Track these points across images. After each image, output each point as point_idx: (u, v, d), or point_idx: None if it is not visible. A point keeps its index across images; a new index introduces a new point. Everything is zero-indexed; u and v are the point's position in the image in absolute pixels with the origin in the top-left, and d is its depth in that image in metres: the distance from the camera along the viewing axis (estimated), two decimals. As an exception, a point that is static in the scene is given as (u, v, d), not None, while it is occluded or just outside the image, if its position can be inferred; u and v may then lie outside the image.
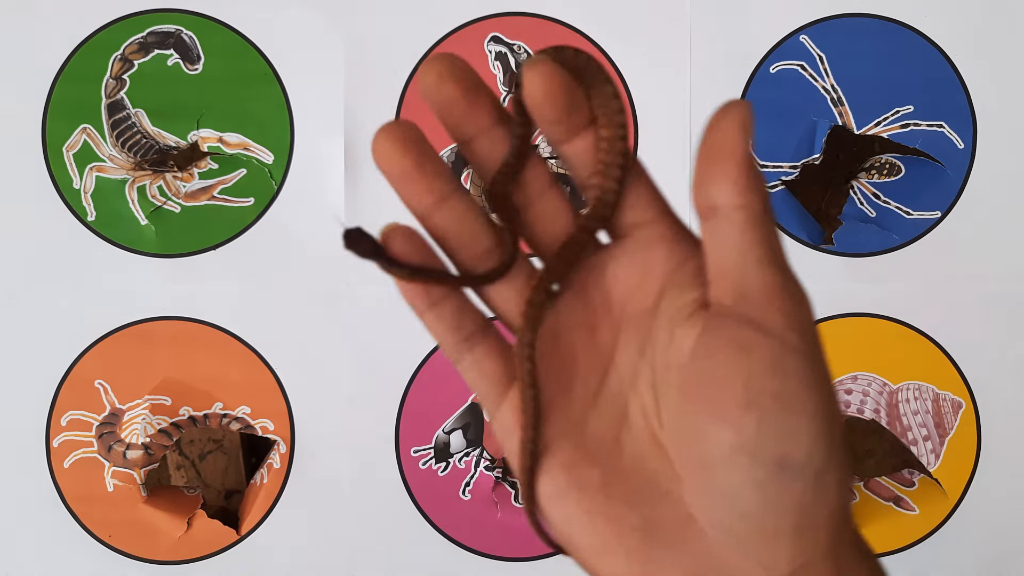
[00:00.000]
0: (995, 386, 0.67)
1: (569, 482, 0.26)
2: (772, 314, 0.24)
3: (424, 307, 0.27)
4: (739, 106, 0.25)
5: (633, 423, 0.26)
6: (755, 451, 0.23)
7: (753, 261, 0.24)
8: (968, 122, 0.66)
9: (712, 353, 0.24)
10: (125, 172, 0.67)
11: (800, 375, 0.23)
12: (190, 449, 0.71)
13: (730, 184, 0.24)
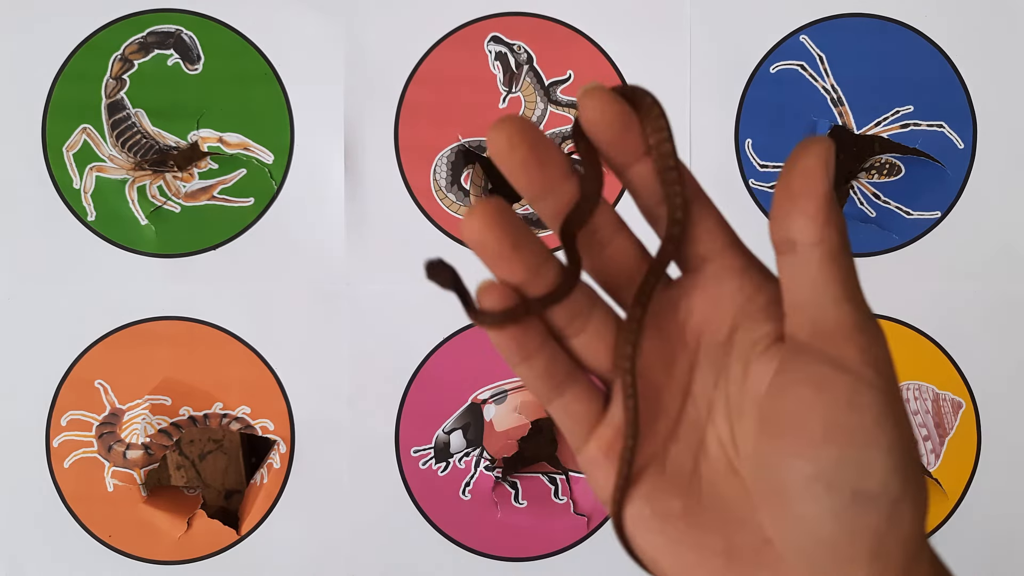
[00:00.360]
0: (995, 386, 0.67)
1: (653, 512, 0.27)
2: (848, 350, 0.24)
3: (518, 360, 0.28)
4: (821, 143, 0.25)
5: (710, 452, 0.27)
6: (832, 483, 0.24)
7: (830, 297, 0.25)
8: (968, 122, 0.66)
9: (790, 389, 0.25)
10: (125, 172, 0.66)
11: (876, 410, 0.24)
12: (190, 449, 0.71)
13: (809, 220, 0.25)
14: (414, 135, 0.66)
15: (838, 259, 0.25)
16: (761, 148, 0.66)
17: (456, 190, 0.66)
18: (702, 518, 0.27)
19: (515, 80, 0.66)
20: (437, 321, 0.66)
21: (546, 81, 0.66)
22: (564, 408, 0.29)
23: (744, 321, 0.27)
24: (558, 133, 0.66)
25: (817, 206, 0.24)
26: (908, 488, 0.24)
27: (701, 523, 0.27)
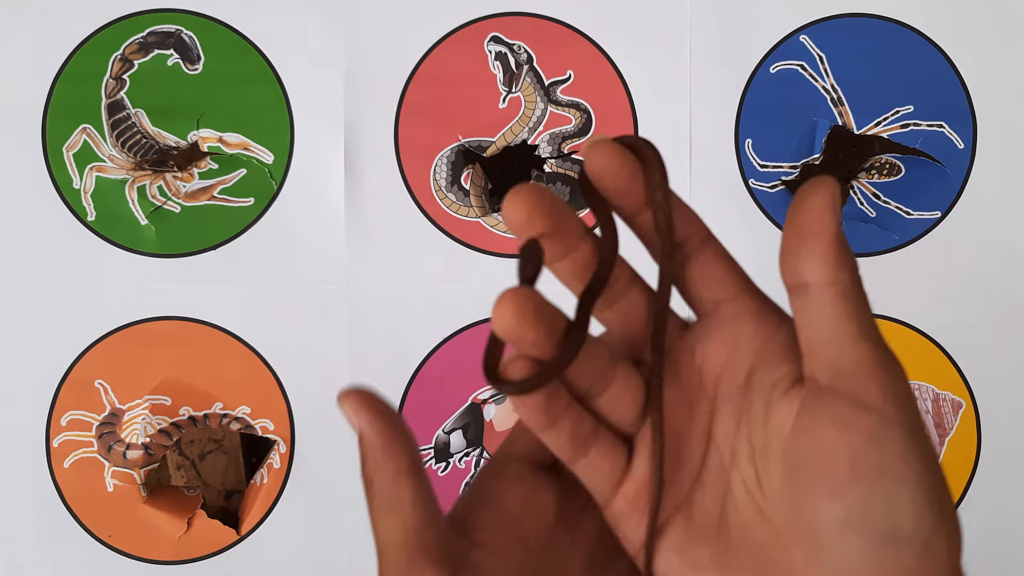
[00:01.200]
0: (995, 386, 0.67)
1: (683, 562, 0.27)
2: (870, 389, 0.24)
3: (544, 426, 0.28)
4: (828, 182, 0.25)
5: (737, 498, 0.27)
6: (863, 525, 0.24)
7: (846, 337, 0.25)
8: (968, 122, 0.66)
9: (813, 431, 0.25)
10: (125, 172, 0.66)
11: (900, 447, 0.24)
12: (190, 449, 0.71)
13: (820, 261, 0.25)
14: (414, 135, 0.66)
15: (852, 298, 0.25)
16: (761, 148, 0.66)
17: (456, 190, 0.66)
18: (732, 564, 0.26)
19: (515, 80, 0.66)
20: (437, 321, 0.66)
21: (546, 81, 0.66)
22: (589, 466, 0.28)
23: (763, 364, 0.27)
24: (558, 133, 0.66)
25: (828, 246, 0.24)
26: (940, 524, 0.24)
27: (731, 569, 0.26)
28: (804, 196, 0.25)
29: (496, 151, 0.66)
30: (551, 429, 0.28)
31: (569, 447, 0.28)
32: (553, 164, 0.66)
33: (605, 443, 0.28)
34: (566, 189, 0.66)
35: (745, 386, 0.27)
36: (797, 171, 0.66)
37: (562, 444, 0.28)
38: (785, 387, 0.26)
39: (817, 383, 0.25)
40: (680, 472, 0.28)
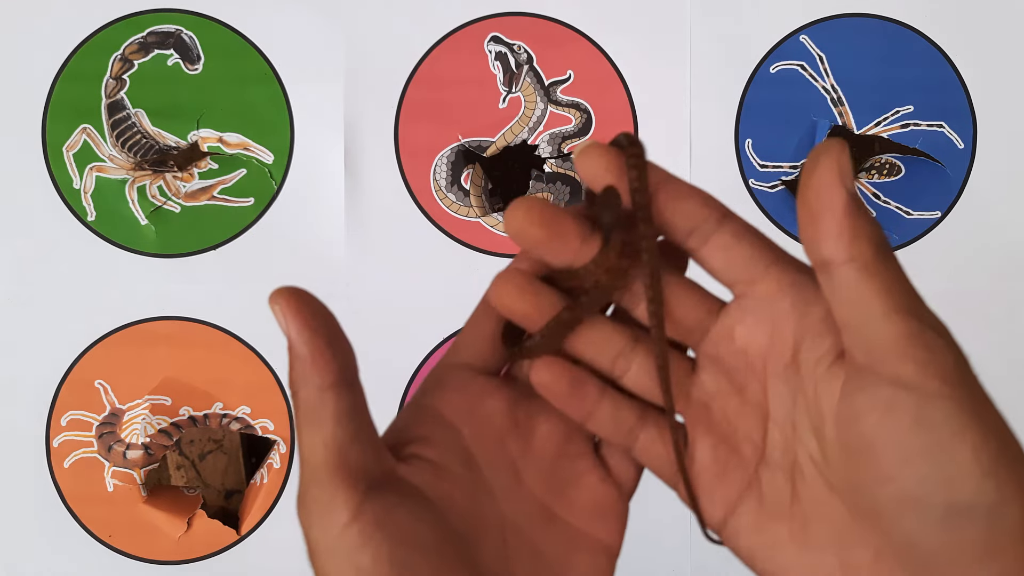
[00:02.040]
0: (996, 388, 0.66)
1: (761, 542, 0.27)
2: (906, 366, 0.23)
3: (584, 417, 0.28)
4: (831, 149, 0.24)
5: (806, 471, 0.27)
6: (922, 502, 0.23)
7: (876, 313, 0.24)
8: (968, 122, 0.66)
9: (857, 417, 0.24)
10: (125, 172, 0.66)
11: (948, 422, 0.23)
12: (190, 449, 0.71)
13: (834, 239, 0.24)
14: (414, 135, 0.66)
15: (875, 271, 0.24)
16: (761, 148, 0.66)
17: (456, 190, 0.66)
18: (811, 540, 0.26)
19: (515, 80, 0.66)
20: (437, 321, 0.66)
21: (546, 81, 0.66)
22: (644, 452, 0.28)
23: (804, 338, 0.26)
24: (558, 133, 0.66)
25: (839, 222, 0.24)
26: (1008, 489, 0.23)
27: (811, 545, 0.26)
28: (809, 171, 0.24)
29: (496, 151, 0.66)
30: (591, 420, 0.28)
31: (616, 435, 0.29)
32: (553, 164, 0.66)
33: (653, 428, 0.29)
34: (566, 189, 0.66)
35: (792, 362, 0.27)
36: (797, 171, 0.66)
37: (608, 433, 0.29)
38: (828, 362, 0.25)
39: (855, 363, 0.24)
40: (741, 452, 0.28)
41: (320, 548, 0.25)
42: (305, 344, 0.25)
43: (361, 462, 0.25)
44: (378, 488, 0.25)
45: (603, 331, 0.28)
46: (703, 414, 0.28)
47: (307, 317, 0.25)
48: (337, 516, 0.24)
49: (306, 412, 0.25)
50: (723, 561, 0.34)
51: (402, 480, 0.26)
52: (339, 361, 0.25)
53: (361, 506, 0.24)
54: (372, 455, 0.26)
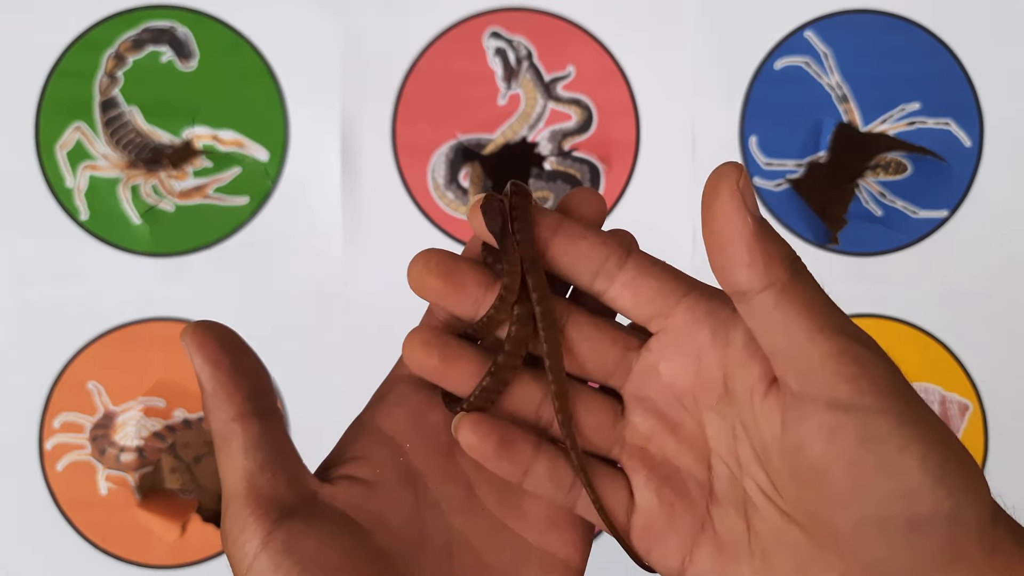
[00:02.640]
0: (1002, 388, 0.66)
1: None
2: (839, 386, 0.23)
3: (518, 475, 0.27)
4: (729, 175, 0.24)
5: (758, 503, 0.26)
6: (882, 521, 0.23)
7: (801, 336, 0.23)
8: (975, 120, 0.66)
9: (801, 448, 0.23)
10: (118, 171, 0.66)
11: (894, 438, 0.22)
12: (185, 452, 0.70)
13: (747, 267, 0.23)
14: (411, 132, 0.65)
15: (793, 293, 0.23)
16: (765, 145, 0.66)
17: (454, 188, 0.66)
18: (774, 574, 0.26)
19: (514, 76, 0.65)
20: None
21: (546, 77, 0.65)
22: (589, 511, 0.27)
23: (732, 368, 0.26)
24: (559, 130, 0.66)
25: (748, 250, 0.23)
26: (962, 492, 0.23)
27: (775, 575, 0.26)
28: (709, 198, 0.24)
29: (496, 148, 0.66)
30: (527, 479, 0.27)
31: (556, 493, 0.27)
32: (553, 162, 0.66)
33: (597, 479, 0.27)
34: (567, 187, 0.66)
35: (725, 393, 0.26)
36: (802, 169, 0.66)
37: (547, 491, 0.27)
38: (762, 391, 0.25)
39: (790, 387, 0.24)
40: (688, 492, 0.27)
41: (236, 573, 0.25)
42: (208, 378, 0.26)
43: (272, 490, 0.25)
44: (291, 514, 0.25)
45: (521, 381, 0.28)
46: (641, 458, 0.27)
47: (210, 351, 0.26)
48: (248, 543, 0.25)
49: (217, 444, 0.26)
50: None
51: (323, 503, 0.26)
52: (243, 393, 0.26)
53: (271, 534, 0.25)
54: (284, 482, 0.26)
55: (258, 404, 0.26)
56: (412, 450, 0.28)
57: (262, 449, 0.26)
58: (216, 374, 0.26)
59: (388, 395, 0.29)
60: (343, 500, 0.27)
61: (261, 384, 0.27)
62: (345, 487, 0.27)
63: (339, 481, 0.27)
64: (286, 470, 0.26)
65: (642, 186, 0.65)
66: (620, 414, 0.28)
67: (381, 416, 0.29)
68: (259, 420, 0.26)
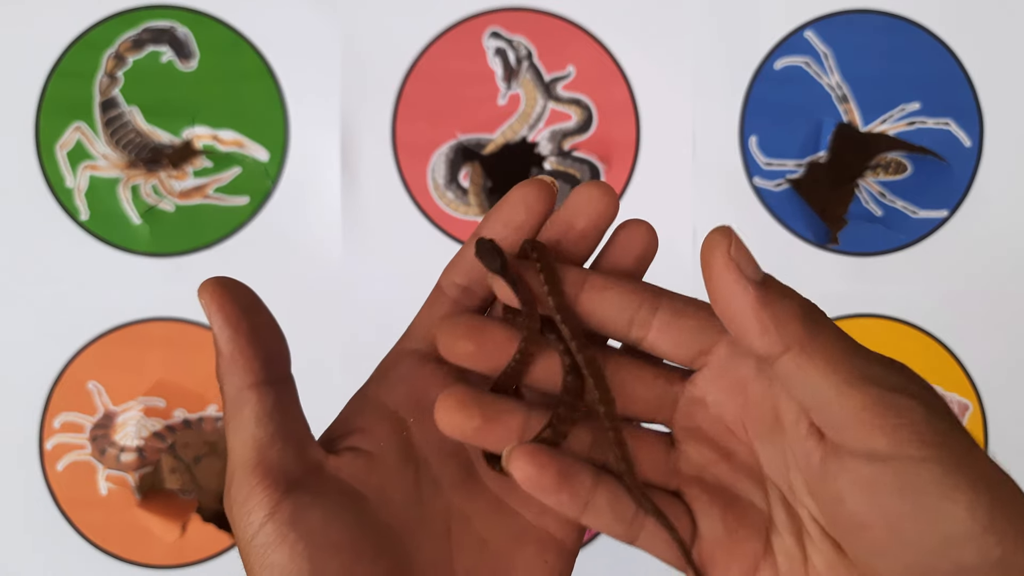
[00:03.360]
0: (1002, 388, 0.66)
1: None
2: (877, 439, 0.22)
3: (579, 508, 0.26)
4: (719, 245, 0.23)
5: (812, 533, 0.25)
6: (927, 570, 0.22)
7: (829, 393, 0.22)
8: (975, 120, 0.66)
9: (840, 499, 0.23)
10: (119, 171, 0.66)
11: (937, 486, 0.22)
12: (185, 452, 0.70)
13: (759, 336, 0.23)
14: (411, 132, 0.65)
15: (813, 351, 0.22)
16: (765, 145, 0.66)
17: (454, 188, 0.66)
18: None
19: (514, 76, 0.65)
20: (435, 322, 0.65)
21: (546, 77, 0.65)
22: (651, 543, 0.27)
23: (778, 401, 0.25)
24: (559, 130, 0.65)
25: (756, 319, 0.23)
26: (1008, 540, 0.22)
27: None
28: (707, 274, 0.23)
29: (496, 148, 0.66)
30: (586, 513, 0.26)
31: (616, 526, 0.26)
32: (553, 162, 0.66)
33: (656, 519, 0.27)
34: (567, 188, 0.66)
35: (775, 423, 0.25)
36: (802, 169, 0.66)
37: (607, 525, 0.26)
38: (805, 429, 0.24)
39: (828, 438, 0.23)
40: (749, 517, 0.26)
41: (241, 543, 0.25)
42: (227, 342, 0.25)
43: (280, 461, 0.25)
44: (297, 486, 0.25)
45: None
46: (699, 485, 0.27)
47: (231, 313, 0.25)
48: (254, 513, 0.25)
49: (228, 409, 0.26)
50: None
51: (328, 475, 0.26)
52: (260, 360, 0.26)
53: (278, 505, 0.25)
54: (293, 454, 0.26)
55: (273, 371, 0.26)
56: (415, 425, 0.28)
57: (274, 419, 0.26)
58: (235, 338, 0.25)
59: (392, 370, 0.29)
60: (348, 472, 0.27)
61: (278, 350, 0.26)
62: (349, 459, 0.27)
63: (344, 453, 0.27)
64: (295, 441, 0.26)
65: (642, 186, 0.65)
66: (672, 446, 0.28)
67: (385, 390, 0.29)
68: (273, 389, 0.26)
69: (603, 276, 0.26)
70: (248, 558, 0.25)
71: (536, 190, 0.27)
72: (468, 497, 0.28)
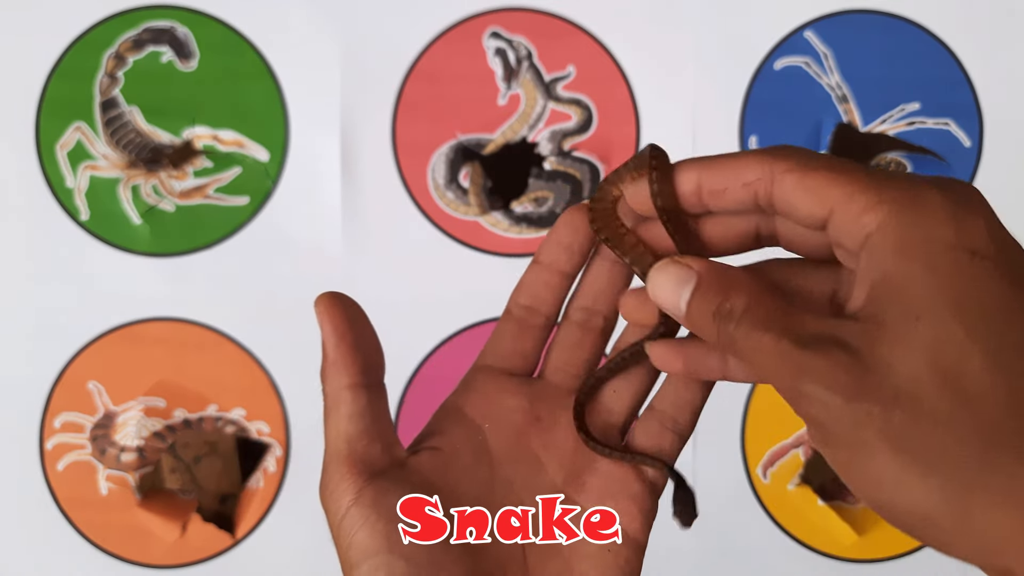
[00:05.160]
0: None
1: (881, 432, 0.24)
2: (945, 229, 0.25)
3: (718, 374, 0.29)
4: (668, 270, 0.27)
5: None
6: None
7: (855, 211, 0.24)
8: (975, 120, 0.66)
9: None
10: (119, 171, 0.66)
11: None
12: (185, 452, 0.70)
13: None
14: (411, 132, 0.65)
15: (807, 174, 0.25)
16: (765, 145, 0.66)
17: (454, 188, 0.66)
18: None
19: (514, 76, 0.65)
20: (435, 322, 0.65)
21: (546, 77, 0.65)
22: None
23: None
24: (559, 130, 0.65)
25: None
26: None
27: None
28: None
29: (496, 149, 0.66)
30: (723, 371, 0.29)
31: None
32: (553, 161, 0.66)
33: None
34: (567, 187, 0.66)
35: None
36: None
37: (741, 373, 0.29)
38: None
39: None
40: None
41: (332, 526, 0.29)
42: (333, 348, 0.30)
43: (367, 454, 0.29)
44: (380, 475, 0.29)
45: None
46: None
47: (339, 322, 0.30)
48: (343, 497, 0.28)
49: (328, 405, 0.30)
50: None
51: (408, 469, 0.30)
52: (359, 366, 0.29)
53: (362, 490, 0.28)
54: (380, 448, 0.29)
55: (369, 377, 0.30)
56: (490, 431, 0.31)
57: (364, 418, 0.29)
58: (340, 345, 0.29)
59: (470, 382, 0.33)
60: (426, 467, 0.30)
61: (375, 359, 0.30)
62: (428, 456, 0.30)
63: (423, 452, 0.31)
64: (382, 439, 0.29)
65: (642, 186, 0.65)
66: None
67: (463, 400, 0.32)
68: (367, 392, 0.29)
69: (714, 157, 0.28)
70: (337, 539, 0.28)
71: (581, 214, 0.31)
72: (537, 494, 0.31)
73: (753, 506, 0.66)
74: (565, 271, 0.31)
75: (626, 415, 0.32)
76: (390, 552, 0.27)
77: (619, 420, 0.32)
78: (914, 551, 0.66)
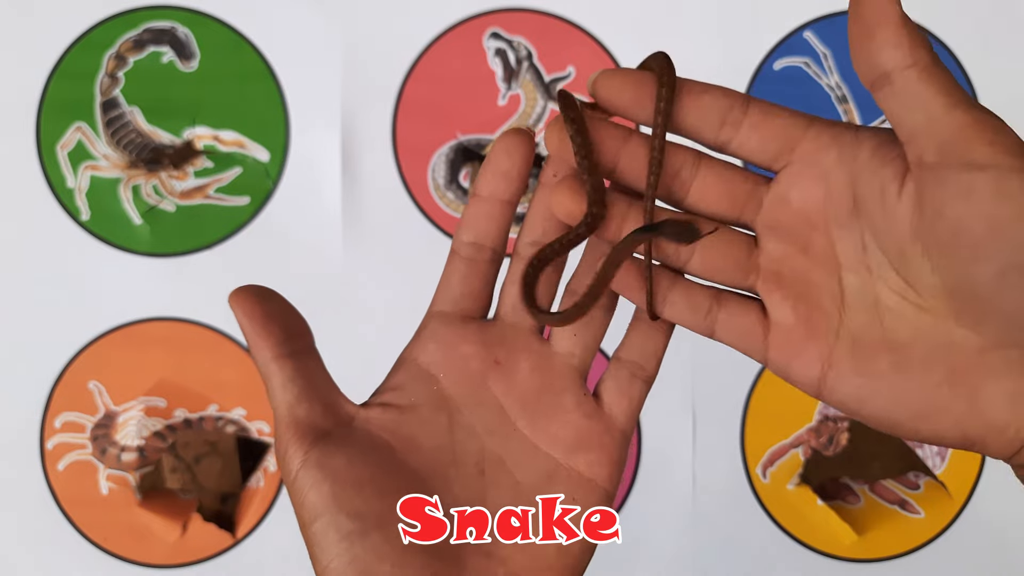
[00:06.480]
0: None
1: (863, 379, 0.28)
2: (977, 149, 0.25)
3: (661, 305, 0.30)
4: None
5: (891, 304, 0.28)
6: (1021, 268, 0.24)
7: (940, 110, 0.25)
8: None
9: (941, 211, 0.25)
10: (119, 171, 0.66)
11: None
12: (185, 452, 0.70)
13: (894, 48, 0.25)
14: (412, 132, 0.65)
15: (935, 73, 0.25)
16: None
17: (455, 188, 0.66)
18: (911, 362, 0.27)
19: (514, 76, 0.65)
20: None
21: (546, 78, 0.65)
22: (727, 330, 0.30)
23: (861, 178, 0.28)
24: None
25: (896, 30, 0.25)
26: None
27: (911, 366, 0.27)
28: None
29: (496, 149, 0.66)
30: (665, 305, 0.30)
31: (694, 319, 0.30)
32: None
33: (732, 304, 0.30)
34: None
35: (854, 207, 0.28)
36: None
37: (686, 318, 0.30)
38: (895, 188, 0.27)
39: (926, 166, 0.25)
40: (823, 306, 0.29)
41: (287, 488, 0.30)
42: (247, 328, 0.30)
43: (308, 418, 0.30)
44: (325, 436, 0.30)
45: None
46: (776, 280, 0.30)
47: (247, 305, 0.30)
48: (291, 461, 0.29)
49: (264, 381, 0.31)
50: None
51: (358, 427, 0.31)
52: (275, 337, 0.30)
53: (307, 454, 0.29)
54: (320, 411, 0.30)
55: (291, 346, 0.30)
56: (445, 379, 0.32)
57: (296, 383, 0.30)
58: (251, 324, 0.30)
59: (422, 331, 0.33)
60: (377, 423, 0.31)
61: (293, 329, 0.31)
62: (379, 412, 0.31)
63: (374, 407, 0.31)
64: (322, 400, 0.30)
65: (642, 186, 0.65)
66: (753, 246, 0.30)
67: (417, 350, 0.32)
68: (292, 359, 0.30)
69: (700, 83, 0.29)
70: (293, 500, 0.29)
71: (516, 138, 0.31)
72: (501, 441, 0.31)
73: (753, 506, 0.66)
74: (505, 199, 0.31)
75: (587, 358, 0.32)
76: (338, 511, 0.28)
77: (580, 363, 0.32)
78: (914, 551, 0.66)
